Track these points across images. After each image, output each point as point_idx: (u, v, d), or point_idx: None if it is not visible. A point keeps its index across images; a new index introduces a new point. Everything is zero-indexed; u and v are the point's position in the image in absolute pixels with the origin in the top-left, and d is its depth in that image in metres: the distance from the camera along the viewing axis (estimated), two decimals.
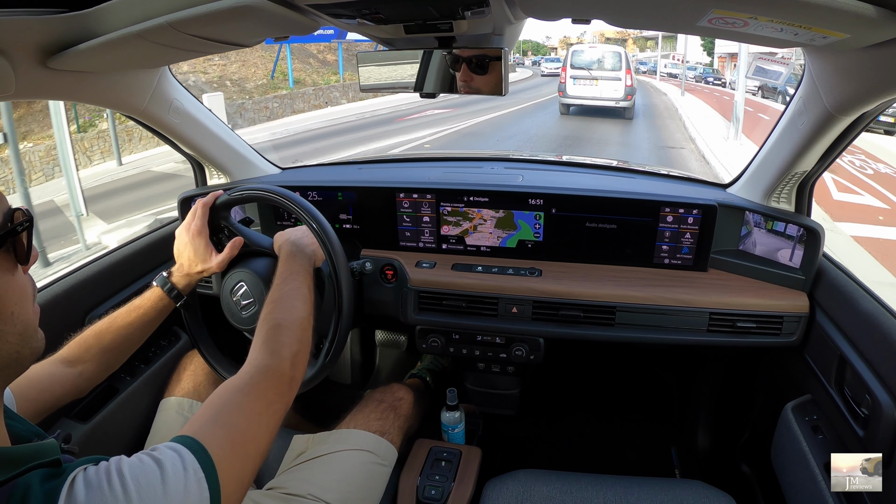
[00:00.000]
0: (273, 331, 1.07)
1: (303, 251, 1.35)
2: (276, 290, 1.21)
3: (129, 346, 1.33)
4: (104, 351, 1.26)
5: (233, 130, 2.05)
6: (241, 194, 1.44)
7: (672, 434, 2.37)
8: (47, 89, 1.30)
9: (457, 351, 1.87)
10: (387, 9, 1.12)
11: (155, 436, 1.53)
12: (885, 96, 1.10)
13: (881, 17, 0.80)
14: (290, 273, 1.27)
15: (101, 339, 1.26)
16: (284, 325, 1.09)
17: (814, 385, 1.53)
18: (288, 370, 1.00)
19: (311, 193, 1.98)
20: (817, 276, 1.60)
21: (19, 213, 0.75)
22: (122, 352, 1.31)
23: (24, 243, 0.76)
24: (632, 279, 1.76)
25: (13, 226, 0.73)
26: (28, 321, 0.76)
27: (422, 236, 1.95)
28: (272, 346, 1.03)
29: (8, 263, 0.73)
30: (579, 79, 15.40)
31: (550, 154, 3.45)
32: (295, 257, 1.32)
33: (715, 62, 51.30)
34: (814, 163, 1.51)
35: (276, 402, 0.95)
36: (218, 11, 0.96)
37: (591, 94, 15.37)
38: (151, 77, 1.59)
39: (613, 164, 2.51)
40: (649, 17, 1.13)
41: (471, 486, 1.58)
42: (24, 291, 0.76)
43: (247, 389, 0.92)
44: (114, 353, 1.29)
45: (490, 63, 1.32)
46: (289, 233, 1.43)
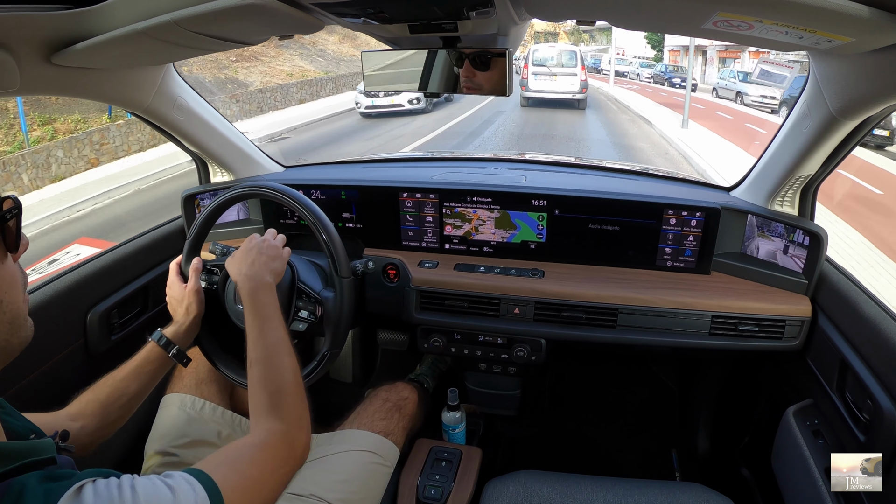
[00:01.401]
0: (276, 396, 1.09)
1: (262, 281, 1.30)
2: (256, 344, 1.19)
3: (128, 400, 1.28)
4: (102, 406, 1.22)
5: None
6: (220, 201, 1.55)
7: (673, 437, 2.37)
8: (51, 85, 1.30)
9: (458, 351, 1.87)
10: (392, 8, 1.12)
11: (156, 432, 1.53)
12: (889, 100, 1.10)
13: (886, 21, 0.80)
14: (263, 318, 1.24)
15: (97, 393, 1.24)
16: (284, 391, 1.11)
17: (815, 389, 1.53)
18: (297, 435, 1.05)
19: (315, 192, 1.98)
20: (820, 280, 1.60)
21: (8, 201, 0.75)
22: (120, 406, 1.26)
23: (14, 231, 0.76)
24: (634, 281, 1.76)
25: (1, 213, 0.73)
26: (18, 310, 0.77)
27: (424, 236, 1.95)
28: (279, 413, 1.06)
29: (2, 249, 0.74)
30: (540, 74, 17.42)
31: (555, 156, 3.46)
32: (258, 294, 1.28)
33: (666, 56, 42.03)
34: (818, 167, 1.51)
35: (286, 465, 1.00)
36: (223, 9, 0.96)
37: (551, 88, 17.46)
38: (156, 74, 1.59)
39: (617, 165, 2.51)
40: (654, 19, 1.14)
41: (471, 486, 1.58)
42: (13, 279, 0.77)
43: (262, 447, 0.97)
44: (113, 409, 1.24)
45: (494, 63, 1.33)
46: (238, 262, 1.35)
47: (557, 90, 17.47)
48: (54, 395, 1.37)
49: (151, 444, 1.50)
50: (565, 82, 17.27)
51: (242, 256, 1.36)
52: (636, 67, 30.51)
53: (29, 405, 1.04)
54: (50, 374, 1.52)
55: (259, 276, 1.31)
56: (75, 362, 1.62)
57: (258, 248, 1.37)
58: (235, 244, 1.90)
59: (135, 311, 1.83)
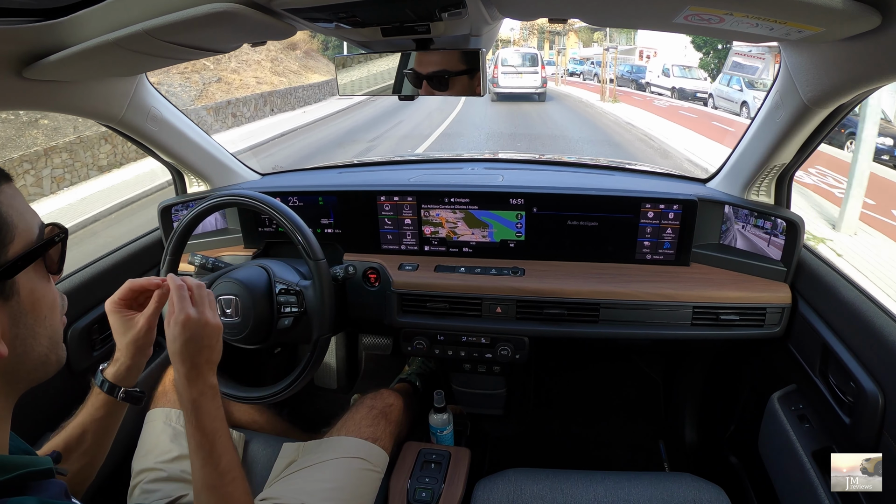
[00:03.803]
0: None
1: (206, 384, 1.08)
2: (206, 466, 1.06)
3: (86, 449, 1.14)
4: (67, 451, 1.11)
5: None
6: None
7: (660, 429, 2.38)
8: (23, 100, 1.28)
9: (442, 352, 1.87)
10: (364, 12, 1.11)
11: (142, 448, 1.51)
12: (860, 88, 1.11)
13: (855, 10, 0.81)
14: (213, 434, 1.07)
15: (58, 441, 1.13)
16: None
17: (799, 375, 1.55)
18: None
19: (292, 199, 1.97)
20: (798, 267, 1.62)
21: (53, 228, 0.81)
22: (81, 455, 1.13)
23: (59, 255, 0.82)
24: (615, 275, 1.77)
25: (49, 238, 0.79)
26: (57, 328, 0.82)
27: (404, 239, 1.95)
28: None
29: (43, 272, 0.79)
30: (508, 73, 20.80)
31: (531, 154, 3.48)
32: (204, 405, 1.07)
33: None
34: (792, 155, 1.53)
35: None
36: (194, 18, 0.95)
37: (517, 84, 20.78)
38: (128, 85, 1.57)
39: (593, 161, 2.53)
40: (626, 14, 1.14)
41: (461, 486, 1.57)
42: (55, 300, 0.81)
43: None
44: (73, 458, 1.12)
45: (467, 63, 1.33)
46: (174, 359, 1.08)
47: (523, 86, 20.88)
48: (38, 412, 1.35)
49: (138, 460, 1.48)
50: (529, 79, 20.81)
51: (177, 353, 1.07)
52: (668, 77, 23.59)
53: (13, 423, 1.03)
54: (33, 392, 1.49)
55: (202, 378, 1.08)
56: (58, 380, 1.58)
57: (191, 337, 1.07)
58: (215, 254, 1.89)
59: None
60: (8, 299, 0.72)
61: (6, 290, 0.72)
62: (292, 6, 1.01)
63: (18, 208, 0.74)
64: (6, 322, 0.72)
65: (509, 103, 20.42)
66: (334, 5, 1.03)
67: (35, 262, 0.76)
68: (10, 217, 0.72)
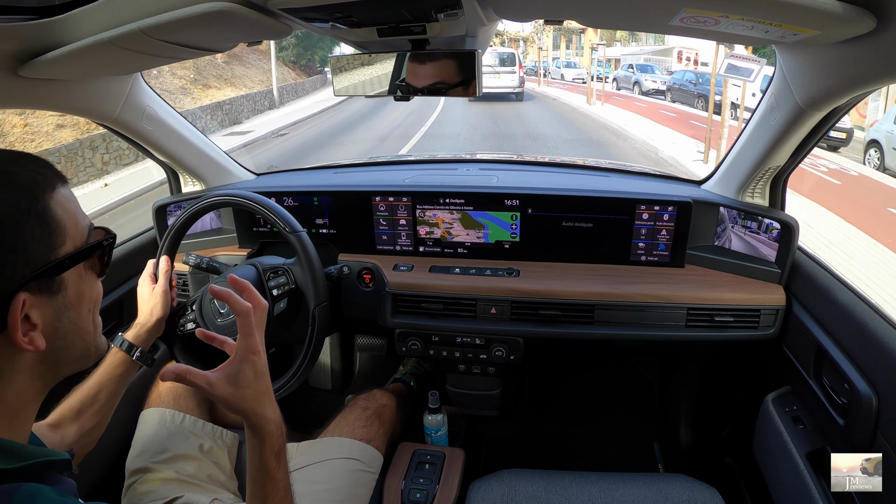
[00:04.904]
0: None
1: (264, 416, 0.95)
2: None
3: (99, 408, 1.25)
4: (76, 415, 1.22)
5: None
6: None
7: (655, 430, 2.39)
8: (19, 98, 1.28)
9: (436, 353, 1.86)
10: (360, 12, 1.11)
11: (136, 448, 1.50)
12: (855, 91, 1.12)
13: (850, 13, 0.82)
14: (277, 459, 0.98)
15: (70, 403, 1.23)
16: None
17: (793, 376, 1.55)
18: None
19: (287, 199, 1.97)
20: (793, 268, 1.62)
21: (100, 231, 0.85)
22: (94, 414, 1.24)
23: (107, 257, 0.87)
24: (609, 277, 1.77)
25: (100, 240, 0.84)
26: (98, 324, 0.87)
27: (399, 239, 1.95)
28: None
29: (90, 271, 0.84)
30: (486, 73, 19.43)
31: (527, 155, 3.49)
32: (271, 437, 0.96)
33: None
34: (786, 157, 1.53)
35: None
36: (190, 17, 0.95)
37: (496, 84, 20.48)
38: (124, 84, 1.57)
39: (588, 163, 2.53)
40: (622, 16, 1.15)
41: (455, 487, 1.57)
42: (98, 298, 0.87)
43: None
44: (86, 417, 1.23)
45: (463, 64, 1.33)
46: (231, 388, 0.91)
47: (501, 86, 20.77)
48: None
49: (132, 461, 1.47)
50: (507, 79, 20.74)
51: (234, 383, 0.91)
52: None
53: None
54: None
55: (262, 411, 0.95)
56: None
57: (248, 372, 0.94)
58: (209, 254, 1.88)
59: (111, 325, 1.80)
60: (55, 294, 0.76)
61: (53, 286, 0.76)
62: (288, 6, 1.01)
63: (71, 210, 0.78)
64: (50, 316, 0.76)
65: (492, 103, 20.31)
66: (330, 5, 1.03)
67: (83, 262, 0.81)
68: (62, 220, 0.76)
